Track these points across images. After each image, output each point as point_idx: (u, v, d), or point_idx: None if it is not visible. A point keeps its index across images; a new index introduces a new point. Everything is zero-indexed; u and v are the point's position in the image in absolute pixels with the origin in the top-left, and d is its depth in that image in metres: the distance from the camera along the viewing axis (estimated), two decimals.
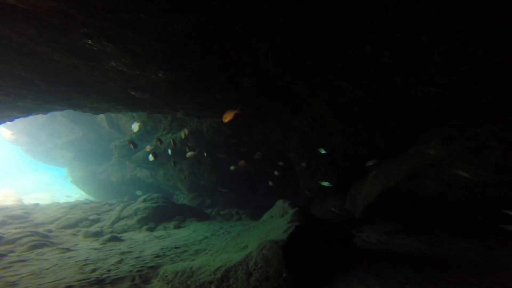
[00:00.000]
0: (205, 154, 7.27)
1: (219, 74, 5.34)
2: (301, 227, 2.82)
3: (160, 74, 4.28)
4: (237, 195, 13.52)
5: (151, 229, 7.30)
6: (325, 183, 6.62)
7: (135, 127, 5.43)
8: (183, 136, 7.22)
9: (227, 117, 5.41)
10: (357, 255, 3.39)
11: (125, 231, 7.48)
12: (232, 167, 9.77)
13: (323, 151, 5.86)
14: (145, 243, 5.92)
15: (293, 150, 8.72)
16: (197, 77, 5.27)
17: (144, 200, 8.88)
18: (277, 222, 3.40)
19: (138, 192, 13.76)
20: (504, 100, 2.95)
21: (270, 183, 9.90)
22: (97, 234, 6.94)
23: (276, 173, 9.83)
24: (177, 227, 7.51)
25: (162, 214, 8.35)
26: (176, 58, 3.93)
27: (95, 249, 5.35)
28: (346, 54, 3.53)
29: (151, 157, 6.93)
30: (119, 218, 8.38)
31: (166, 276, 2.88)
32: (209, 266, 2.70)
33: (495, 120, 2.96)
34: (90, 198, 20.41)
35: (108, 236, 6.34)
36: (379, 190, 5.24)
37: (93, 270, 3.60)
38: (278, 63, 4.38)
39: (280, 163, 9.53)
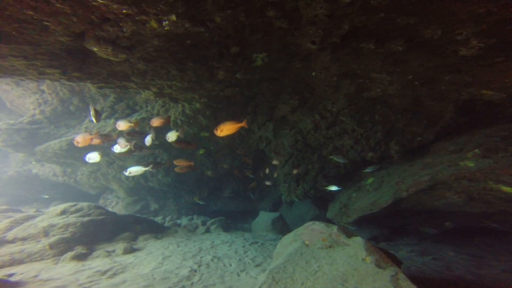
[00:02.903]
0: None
1: (231, 43, 4.02)
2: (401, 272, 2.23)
3: (164, 23, 2.65)
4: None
5: (81, 258, 5.02)
6: (333, 188, 6.36)
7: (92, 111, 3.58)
8: (174, 138, 5.19)
9: (226, 130, 4.26)
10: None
11: (19, 262, 4.82)
12: (209, 173, 8.37)
13: (339, 159, 5.51)
14: None
15: (282, 151, 8.15)
16: (203, 41, 3.79)
17: (64, 212, 6.18)
18: (340, 260, 2.66)
19: None
20: None
21: (252, 185, 9.03)
22: None
23: (261, 174, 9.05)
24: (129, 251, 5.54)
25: (99, 232, 6.02)
26: None
27: None
28: (416, 36, 3.07)
29: (119, 149, 4.78)
30: (1, 241, 5.43)
31: None
32: None
33: None
34: None
35: None
36: (388, 200, 5.34)
37: None
38: (325, 36, 3.53)
39: (272, 165, 8.79)
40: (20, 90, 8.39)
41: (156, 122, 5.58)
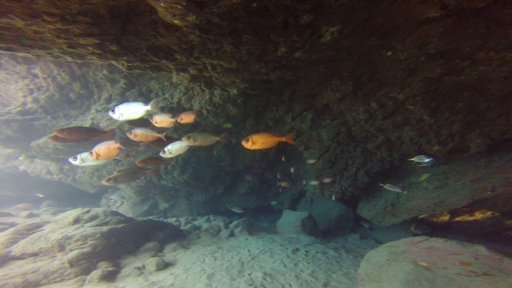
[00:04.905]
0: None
1: (304, 9, 3.22)
2: None
3: None
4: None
5: (110, 278, 4.28)
6: (389, 186, 5.79)
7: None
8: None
9: (261, 143, 3.43)
10: None
11: (35, 284, 4.00)
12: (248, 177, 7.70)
13: (425, 159, 4.85)
14: None
15: (316, 144, 7.49)
16: (270, 5, 2.97)
17: (77, 221, 5.35)
18: None
19: None
20: None
21: (284, 184, 8.41)
22: None
23: (292, 170, 8.39)
24: (162, 266, 4.82)
25: (122, 243, 5.26)
26: None
27: None
28: None
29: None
30: (6, 257, 4.57)
31: None
32: None
33: None
34: None
35: None
36: (463, 199, 4.82)
37: None
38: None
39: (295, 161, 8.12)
40: (3, 73, 7.19)
41: (188, 118, 4.41)
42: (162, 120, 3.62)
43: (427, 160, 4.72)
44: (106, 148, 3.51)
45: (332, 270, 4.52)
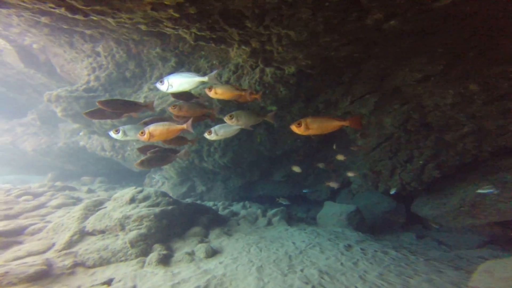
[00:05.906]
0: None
1: None
2: None
3: None
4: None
5: (165, 261, 4.28)
6: (486, 188, 4.82)
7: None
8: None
9: (318, 128, 2.77)
10: None
11: (107, 262, 4.23)
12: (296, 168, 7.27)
13: None
14: None
15: (378, 131, 6.59)
16: None
17: (133, 200, 5.52)
18: None
19: None
20: None
21: (334, 185, 7.78)
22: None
23: (342, 158, 7.69)
24: (210, 254, 4.69)
25: (171, 226, 5.32)
26: None
27: None
28: None
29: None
30: (83, 232, 4.92)
31: None
32: None
33: None
34: None
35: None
36: None
37: None
38: None
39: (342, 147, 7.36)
40: (73, 52, 7.54)
41: (246, 96, 3.91)
42: (224, 92, 3.14)
43: None
44: (165, 129, 3.17)
45: (406, 274, 3.92)
